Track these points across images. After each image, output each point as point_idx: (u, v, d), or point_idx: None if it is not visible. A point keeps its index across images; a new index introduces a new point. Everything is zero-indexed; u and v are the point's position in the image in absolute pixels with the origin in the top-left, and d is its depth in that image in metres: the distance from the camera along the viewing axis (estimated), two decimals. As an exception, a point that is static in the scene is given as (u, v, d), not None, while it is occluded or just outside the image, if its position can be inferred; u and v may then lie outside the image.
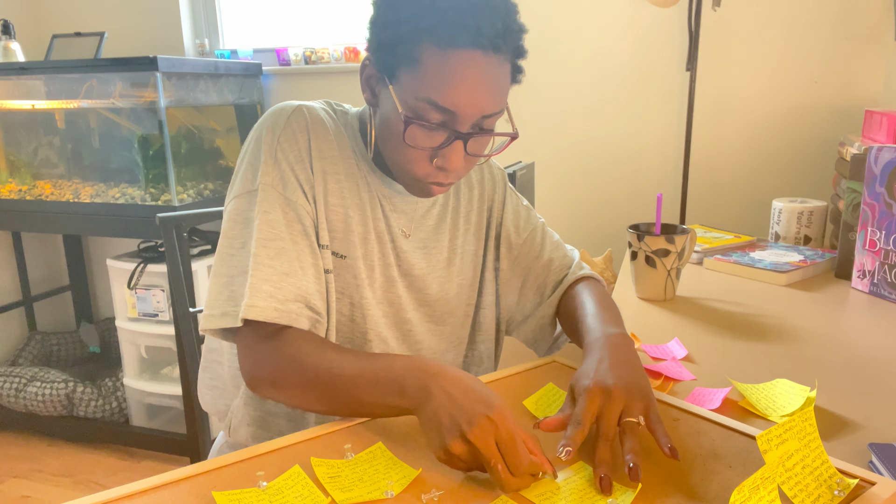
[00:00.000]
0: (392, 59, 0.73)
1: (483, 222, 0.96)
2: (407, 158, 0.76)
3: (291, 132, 0.79)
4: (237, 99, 2.39)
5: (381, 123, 0.79)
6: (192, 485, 0.59)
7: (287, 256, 0.75)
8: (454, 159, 0.75)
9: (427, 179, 0.78)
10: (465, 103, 0.72)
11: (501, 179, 0.98)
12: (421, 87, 0.71)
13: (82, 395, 2.24)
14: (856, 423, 0.71)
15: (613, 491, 0.57)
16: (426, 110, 0.72)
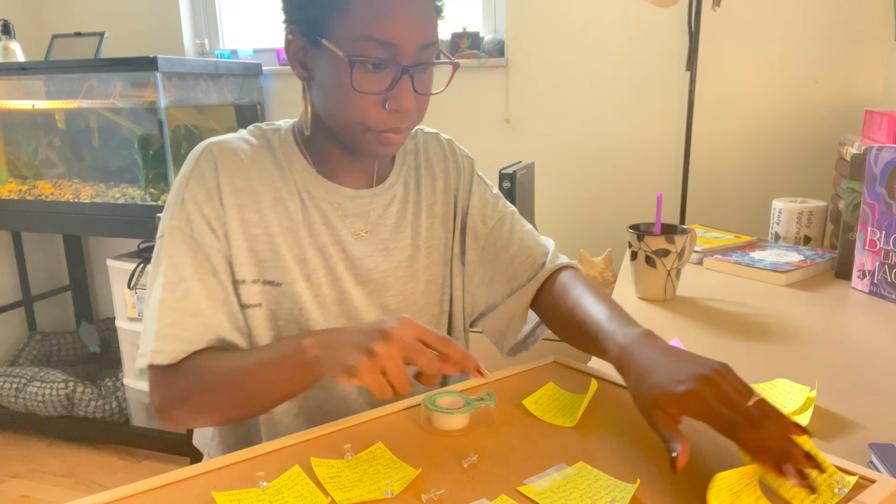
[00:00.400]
0: (318, 13, 0.73)
1: (450, 213, 0.93)
2: (357, 108, 0.74)
3: (199, 172, 0.79)
4: (237, 99, 2.39)
5: (320, 91, 0.77)
6: (192, 485, 0.59)
7: (194, 296, 0.75)
8: (405, 98, 0.74)
9: (382, 127, 0.76)
10: (402, 32, 0.71)
11: (468, 167, 0.95)
12: (356, 27, 0.71)
13: (82, 395, 2.24)
14: (856, 423, 0.71)
15: (612, 489, 0.57)
16: (366, 48, 0.71)
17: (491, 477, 0.59)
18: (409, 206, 0.90)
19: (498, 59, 2.11)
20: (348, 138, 0.79)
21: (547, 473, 0.60)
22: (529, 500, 0.56)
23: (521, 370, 0.83)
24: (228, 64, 2.30)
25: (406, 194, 0.90)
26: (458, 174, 0.94)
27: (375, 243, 0.86)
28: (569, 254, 2.14)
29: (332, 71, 0.74)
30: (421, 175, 0.92)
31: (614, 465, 0.61)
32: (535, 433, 0.67)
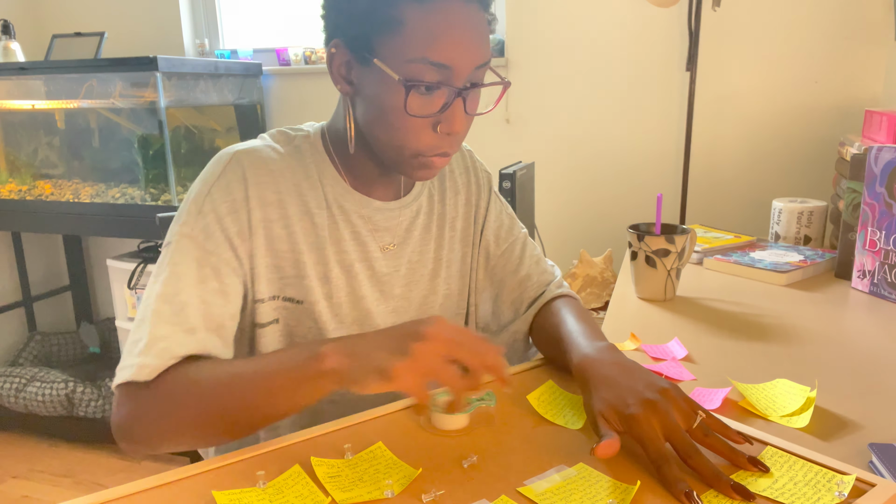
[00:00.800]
0: (369, 31, 0.69)
1: (469, 228, 0.92)
2: (408, 133, 0.72)
3: (225, 182, 0.73)
4: (237, 99, 2.39)
5: (366, 109, 0.74)
6: (192, 485, 0.59)
7: (191, 312, 0.69)
8: (457, 120, 0.72)
9: (431, 152, 0.73)
10: (458, 54, 0.69)
11: (487, 184, 0.95)
12: (410, 49, 0.68)
13: (82, 395, 2.24)
14: (856, 423, 0.71)
15: (612, 490, 0.57)
16: (421, 71, 0.68)
17: (491, 477, 0.59)
18: (433, 218, 0.88)
19: (498, 59, 2.11)
20: (392, 160, 0.76)
21: (547, 474, 0.60)
22: (529, 501, 0.56)
23: (521, 370, 0.83)
24: (228, 64, 2.30)
25: (431, 206, 0.89)
26: (479, 190, 0.93)
27: (401, 257, 0.85)
28: (569, 254, 2.15)
29: (383, 92, 0.71)
30: (445, 187, 0.91)
31: (615, 467, 0.61)
32: (535, 433, 0.67)
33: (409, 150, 0.73)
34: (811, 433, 0.68)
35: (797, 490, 0.55)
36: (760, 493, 0.55)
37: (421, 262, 0.86)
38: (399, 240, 0.84)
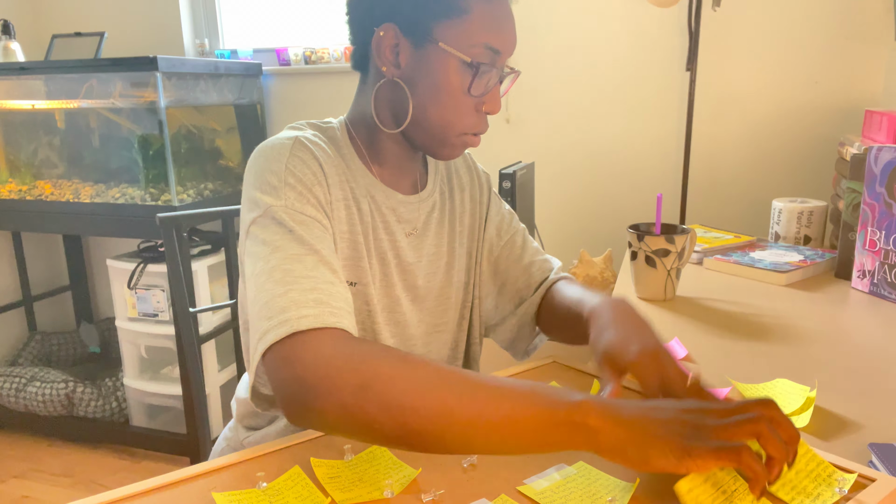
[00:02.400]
0: (430, 16, 0.74)
1: (474, 224, 0.96)
2: (458, 111, 0.77)
3: (300, 159, 0.74)
4: (237, 99, 2.39)
5: (417, 90, 0.76)
6: (192, 485, 0.59)
7: (326, 269, 0.66)
8: (497, 102, 0.79)
9: (471, 130, 0.79)
10: (509, 41, 0.77)
11: (487, 183, 0.99)
12: (475, 34, 0.74)
13: (82, 395, 2.24)
14: (856, 423, 0.71)
15: (612, 489, 0.57)
16: (481, 55, 0.75)
17: (491, 477, 0.59)
18: (445, 213, 0.92)
19: (498, 59, 2.11)
20: (438, 139, 0.79)
21: (547, 473, 0.60)
22: (529, 500, 0.56)
23: (521, 370, 0.83)
24: (228, 64, 2.30)
25: (443, 202, 0.92)
26: (481, 188, 0.97)
27: (422, 248, 0.87)
28: (569, 254, 2.15)
29: (443, 73, 0.75)
30: (453, 185, 0.94)
31: (614, 465, 0.61)
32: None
33: (457, 128, 0.78)
34: (811, 433, 0.68)
35: (798, 481, 0.55)
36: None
37: (437, 255, 0.89)
38: (419, 232, 0.87)
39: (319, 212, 0.72)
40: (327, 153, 0.78)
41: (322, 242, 0.69)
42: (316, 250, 0.67)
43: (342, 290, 0.66)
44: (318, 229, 0.70)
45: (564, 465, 0.61)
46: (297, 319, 0.59)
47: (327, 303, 0.62)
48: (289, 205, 0.70)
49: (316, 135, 0.80)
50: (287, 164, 0.72)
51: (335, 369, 0.55)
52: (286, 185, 0.71)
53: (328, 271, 0.66)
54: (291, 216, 0.69)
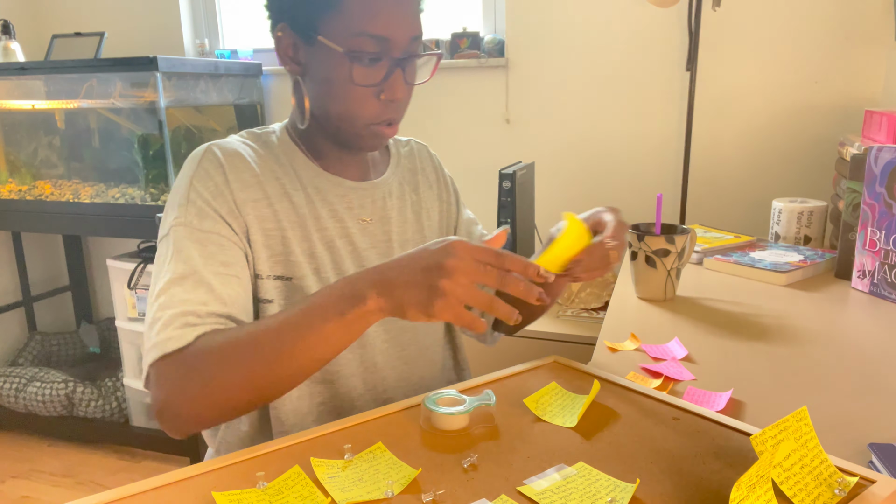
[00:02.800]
0: (313, 11, 0.76)
1: (444, 223, 0.99)
2: (355, 102, 0.78)
3: (204, 171, 0.79)
4: (237, 99, 2.39)
5: (316, 86, 0.80)
6: (192, 485, 0.59)
7: (205, 289, 0.73)
8: (398, 88, 0.79)
9: (377, 119, 0.80)
10: (395, 26, 0.76)
11: (453, 187, 1.03)
12: (351, 23, 0.75)
13: (82, 395, 2.24)
14: (856, 423, 0.71)
15: (612, 489, 0.57)
16: (363, 44, 0.76)
17: (491, 477, 0.59)
18: (407, 203, 0.94)
19: (498, 59, 2.11)
20: (345, 132, 0.82)
21: (547, 473, 0.60)
22: (529, 500, 0.56)
23: (521, 370, 0.83)
24: (228, 64, 2.30)
25: (403, 192, 0.94)
26: (449, 190, 1.02)
27: (379, 234, 0.89)
28: (569, 254, 2.14)
29: (330, 66, 0.77)
30: (418, 180, 0.98)
31: (614, 465, 0.61)
32: (535, 433, 0.67)
33: (360, 119, 0.80)
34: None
35: (802, 475, 0.55)
36: (775, 463, 0.54)
37: (399, 242, 0.91)
38: (375, 216, 0.90)
39: (219, 223, 0.77)
40: (245, 159, 0.81)
41: (213, 258, 0.75)
42: (196, 271, 0.73)
43: (215, 307, 0.72)
44: (212, 244, 0.75)
45: (564, 466, 0.61)
46: (167, 340, 0.69)
47: (194, 324, 0.70)
48: (187, 221, 0.76)
49: (244, 141, 0.84)
50: (192, 180, 0.78)
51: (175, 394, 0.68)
52: (188, 201, 0.77)
53: (204, 291, 0.72)
54: (188, 233, 0.75)
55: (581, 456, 0.63)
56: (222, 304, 0.73)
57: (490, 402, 0.70)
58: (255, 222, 0.79)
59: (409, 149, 1.00)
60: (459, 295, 0.61)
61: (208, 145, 0.81)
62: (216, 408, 0.68)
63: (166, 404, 0.68)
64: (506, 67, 2.12)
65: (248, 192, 0.79)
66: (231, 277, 0.75)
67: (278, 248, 0.81)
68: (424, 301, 0.61)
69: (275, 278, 0.81)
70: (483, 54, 2.14)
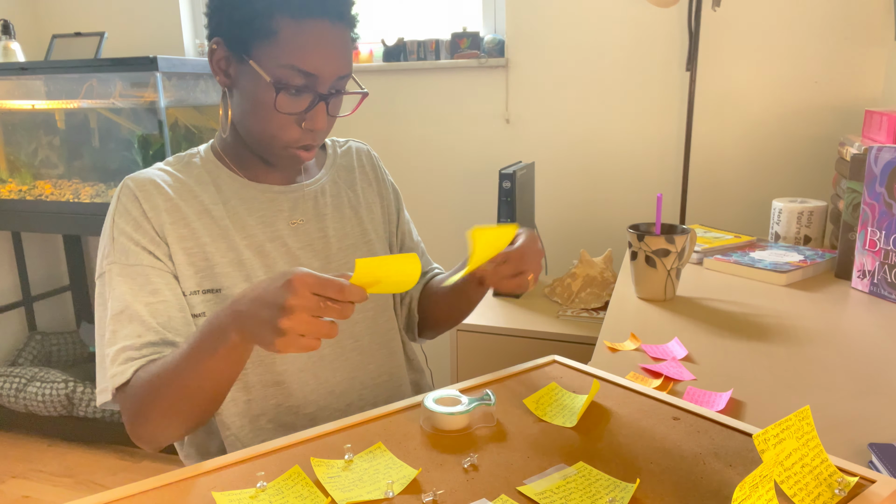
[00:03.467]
0: (248, 35, 0.79)
1: (386, 219, 1.03)
2: (276, 126, 0.82)
3: (122, 206, 0.83)
4: (237, 99, 2.39)
5: (241, 100, 0.83)
6: (192, 485, 0.59)
7: (139, 321, 0.79)
8: (319, 120, 0.82)
9: (296, 144, 0.84)
10: (323, 66, 0.79)
11: (394, 189, 1.07)
12: (282, 55, 0.78)
13: (82, 395, 2.24)
14: (856, 423, 0.71)
15: (611, 489, 0.57)
16: (289, 76, 0.79)
17: (491, 477, 0.59)
18: (343, 201, 0.97)
19: (498, 59, 2.11)
20: (264, 150, 0.86)
21: (547, 473, 0.60)
22: (529, 500, 0.56)
23: (521, 370, 0.83)
24: (228, 64, 2.30)
25: (337, 190, 0.97)
26: (388, 190, 1.05)
27: (313, 232, 0.92)
28: (569, 254, 2.15)
29: (256, 89, 0.80)
30: (355, 178, 1.01)
31: (614, 465, 0.61)
32: (535, 433, 0.67)
33: (279, 141, 0.83)
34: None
35: (803, 475, 0.55)
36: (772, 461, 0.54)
37: (337, 237, 0.94)
38: (307, 216, 0.92)
39: (144, 253, 0.82)
40: (159, 186, 0.85)
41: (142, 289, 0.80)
42: (128, 306, 0.79)
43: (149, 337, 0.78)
44: (141, 276, 0.81)
45: (564, 466, 0.61)
46: (113, 377, 0.77)
47: (131, 357, 0.77)
48: (115, 259, 0.81)
49: (161, 168, 0.89)
50: (115, 219, 0.83)
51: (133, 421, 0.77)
52: (113, 239, 0.82)
53: (137, 325, 0.78)
54: (118, 270, 0.81)
55: (581, 456, 0.63)
56: (154, 333, 0.78)
57: (490, 402, 0.70)
58: (176, 242, 0.83)
59: (348, 148, 1.04)
60: (300, 331, 0.62)
61: (125, 179, 0.85)
62: (168, 428, 0.76)
63: (132, 429, 0.77)
64: (506, 67, 2.12)
65: (163, 216, 0.83)
66: (159, 304, 0.80)
67: (201, 263, 0.84)
68: (268, 339, 0.63)
69: (204, 292, 0.84)
70: (483, 54, 2.14)
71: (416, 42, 2.21)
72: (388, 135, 2.29)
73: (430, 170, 2.28)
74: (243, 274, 0.86)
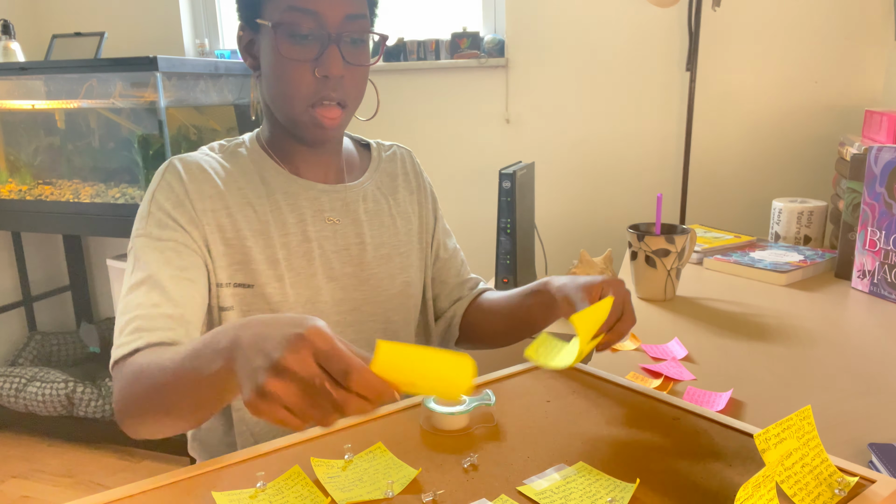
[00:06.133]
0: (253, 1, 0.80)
1: (423, 228, 0.99)
2: (289, 82, 0.78)
3: (166, 184, 0.81)
4: (237, 99, 2.39)
5: (264, 75, 0.82)
6: (192, 485, 0.59)
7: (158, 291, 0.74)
8: (333, 64, 0.78)
9: (315, 96, 0.79)
10: (325, 2, 0.77)
11: (433, 195, 1.03)
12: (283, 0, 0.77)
13: (82, 395, 2.24)
14: (856, 423, 0.71)
15: (611, 489, 0.57)
16: (292, 18, 0.77)
17: (491, 477, 0.59)
18: (384, 207, 0.94)
19: (498, 59, 2.11)
20: (288, 118, 0.82)
21: (547, 473, 0.60)
22: (529, 500, 0.56)
23: (521, 370, 0.83)
24: (228, 64, 2.30)
25: (379, 196, 0.95)
26: (429, 198, 1.02)
27: (350, 236, 0.89)
28: (569, 254, 2.15)
29: (267, 47, 0.80)
30: (398, 184, 0.98)
31: (614, 465, 0.61)
32: (535, 433, 0.67)
33: (297, 99, 0.79)
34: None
35: (803, 475, 0.54)
36: (776, 461, 0.54)
37: (373, 245, 0.91)
38: (348, 220, 0.90)
39: (178, 231, 0.79)
40: (206, 171, 0.82)
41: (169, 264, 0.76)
42: (151, 275, 0.75)
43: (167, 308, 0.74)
44: (170, 251, 0.77)
45: (564, 466, 0.61)
46: (117, 348, 0.72)
47: (143, 328, 0.72)
48: (147, 232, 0.78)
49: (209, 154, 0.86)
50: (154, 193, 0.80)
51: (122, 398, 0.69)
52: (149, 213, 0.79)
53: (157, 294, 0.74)
54: (147, 244, 0.77)
55: (581, 456, 0.63)
56: (174, 306, 0.74)
57: (490, 402, 0.70)
58: (216, 231, 0.81)
59: (392, 153, 1.00)
60: (283, 401, 0.49)
61: (171, 159, 0.83)
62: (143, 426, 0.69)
63: (115, 409, 0.70)
64: (506, 67, 2.12)
65: (207, 202, 0.81)
66: (186, 280, 0.77)
67: (238, 256, 0.82)
68: (246, 392, 0.51)
69: (235, 286, 0.82)
70: (483, 54, 2.14)
71: (416, 42, 2.21)
72: (387, 135, 2.28)
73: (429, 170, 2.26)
74: (277, 273, 0.83)
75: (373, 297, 0.90)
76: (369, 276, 0.90)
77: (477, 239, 2.19)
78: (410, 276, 0.95)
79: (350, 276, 0.89)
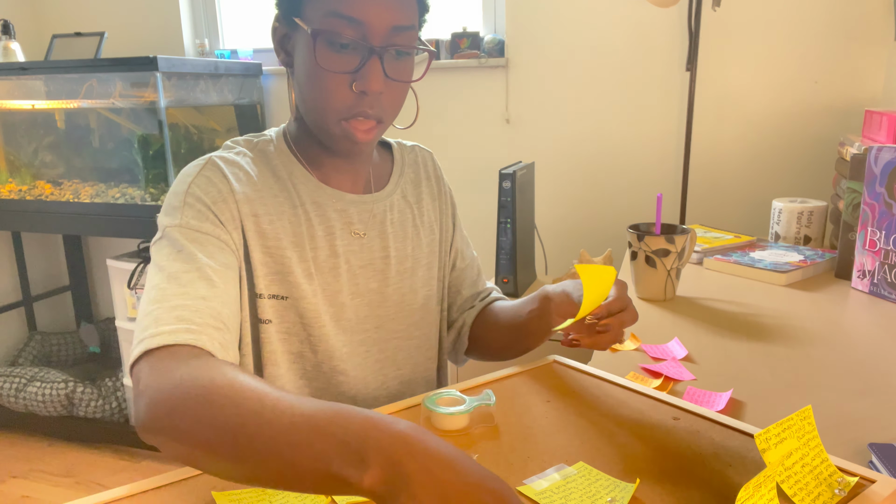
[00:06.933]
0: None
1: (443, 235, 0.94)
2: (325, 91, 0.72)
3: (206, 178, 0.74)
4: (237, 99, 2.39)
5: (297, 74, 0.76)
6: (192, 485, 0.59)
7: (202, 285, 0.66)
8: (373, 79, 0.71)
9: (349, 112, 0.73)
10: (371, 9, 0.69)
11: (453, 201, 0.98)
12: (325, 3, 0.70)
13: (82, 395, 2.24)
14: (856, 423, 0.71)
15: (612, 488, 0.57)
16: (334, 25, 0.70)
17: (491, 477, 0.59)
18: (408, 217, 0.89)
19: (498, 59, 2.11)
20: (319, 127, 0.77)
21: (547, 473, 0.60)
22: (529, 500, 0.56)
23: (520, 370, 0.83)
24: (228, 64, 2.30)
25: (405, 206, 0.90)
26: (448, 205, 0.96)
27: (376, 250, 0.85)
28: (569, 254, 2.15)
29: (304, 50, 0.73)
30: (422, 192, 0.92)
31: (614, 465, 0.61)
32: (535, 433, 0.67)
33: (331, 111, 0.73)
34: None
35: (803, 475, 0.54)
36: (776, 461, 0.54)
37: (398, 259, 0.86)
38: (374, 232, 0.85)
39: (219, 228, 0.72)
40: (247, 172, 0.77)
41: (213, 258, 0.69)
42: (198, 266, 0.67)
43: (216, 304, 0.66)
44: (212, 245, 0.70)
45: (564, 466, 0.61)
46: (152, 338, 0.60)
47: (190, 319, 0.62)
48: (184, 223, 0.71)
49: (242, 153, 0.79)
50: (191, 185, 0.73)
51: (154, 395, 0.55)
52: (185, 204, 0.72)
53: (205, 286, 0.66)
54: (184, 234, 0.70)
55: (581, 456, 0.63)
56: (222, 304, 0.67)
57: (490, 402, 0.70)
58: (255, 238, 0.75)
59: (414, 156, 0.95)
60: None
61: (211, 156, 0.77)
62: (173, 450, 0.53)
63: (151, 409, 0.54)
64: (506, 67, 2.12)
65: (250, 205, 0.75)
66: (231, 279, 0.70)
67: (277, 266, 0.77)
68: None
69: (270, 297, 0.77)
70: (483, 54, 2.14)
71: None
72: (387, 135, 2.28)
73: (430, 170, 2.28)
74: (312, 288, 0.78)
75: (396, 314, 0.86)
76: (393, 292, 0.86)
77: (477, 239, 2.18)
78: (432, 289, 0.91)
79: (374, 293, 0.84)
